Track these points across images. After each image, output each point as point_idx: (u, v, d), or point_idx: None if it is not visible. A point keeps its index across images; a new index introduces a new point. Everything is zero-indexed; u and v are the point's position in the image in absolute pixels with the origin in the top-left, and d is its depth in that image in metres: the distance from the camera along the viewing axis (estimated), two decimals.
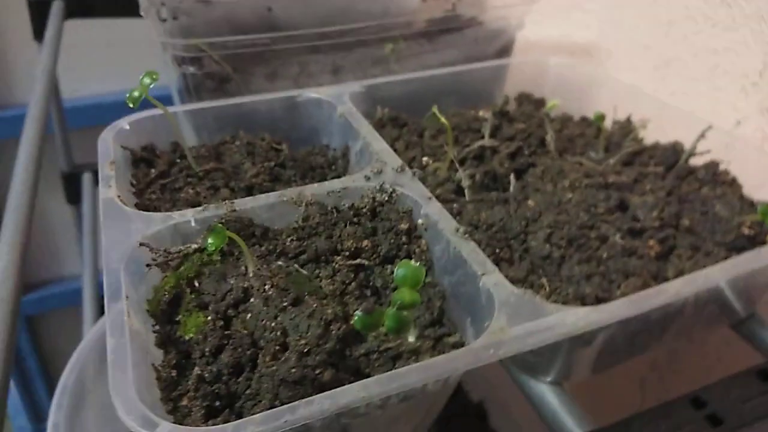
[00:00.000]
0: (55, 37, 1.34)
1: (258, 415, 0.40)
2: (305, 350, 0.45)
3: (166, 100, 0.75)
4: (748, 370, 0.62)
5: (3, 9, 1.77)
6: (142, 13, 0.86)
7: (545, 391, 0.60)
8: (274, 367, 0.45)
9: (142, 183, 0.71)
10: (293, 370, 0.44)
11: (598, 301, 0.56)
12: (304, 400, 0.41)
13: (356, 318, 0.40)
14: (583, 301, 0.55)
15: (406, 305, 0.41)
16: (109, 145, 0.71)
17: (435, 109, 0.69)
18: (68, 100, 1.68)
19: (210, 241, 0.48)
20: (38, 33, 1.47)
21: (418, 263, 0.43)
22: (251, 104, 0.83)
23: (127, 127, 0.76)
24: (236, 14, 1.02)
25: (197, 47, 0.81)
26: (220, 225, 0.49)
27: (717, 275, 0.54)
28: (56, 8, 1.47)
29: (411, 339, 0.54)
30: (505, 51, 1.02)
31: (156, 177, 0.72)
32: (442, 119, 0.68)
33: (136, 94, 0.59)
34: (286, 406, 0.41)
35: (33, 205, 0.77)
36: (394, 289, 0.43)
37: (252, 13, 1.03)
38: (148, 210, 0.64)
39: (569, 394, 0.61)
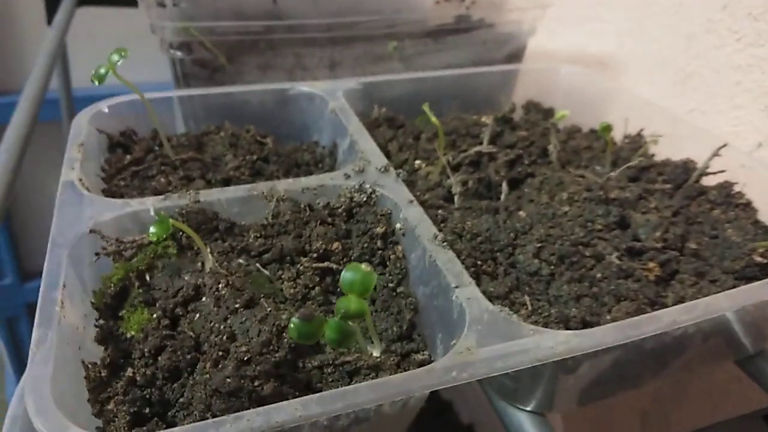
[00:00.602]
0: (64, 22, 1.32)
1: (179, 428, 0.36)
2: (245, 358, 0.41)
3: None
4: (754, 413, 0.56)
5: None
6: None
7: (524, 420, 0.55)
8: (208, 375, 0.40)
9: (113, 168, 0.67)
10: (228, 380, 0.39)
11: (585, 325, 0.50)
12: (232, 415, 0.36)
13: (291, 326, 0.35)
14: (567, 324, 0.50)
15: (351, 314, 0.36)
16: (82, 127, 0.68)
17: (426, 107, 0.64)
18: (82, 90, 1.66)
19: (152, 230, 0.44)
20: (51, 19, 1.46)
21: (370, 269, 0.38)
22: (241, 94, 0.79)
23: (106, 110, 0.72)
24: (241, 4, 0.99)
25: (187, 31, 0.77)
26: (163, 213, 0.44)
27: (722, 305, 0.48)
28: None
29: (375, 353, 0.49)
30: (515, 56, 0.98)
31: (129, 163, 0.68)
32: (433, 118, 0.64)
33: (102, 71, 0.55)
34: (211, 420, 0.36)
35: (13, 184, 0.74)
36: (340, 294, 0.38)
37: (256, 5, 0.99)
38: (114, 197, 0.60)
39: (551, 425, 0.55)
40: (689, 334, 0.51)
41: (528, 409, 0.55)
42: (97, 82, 0.55)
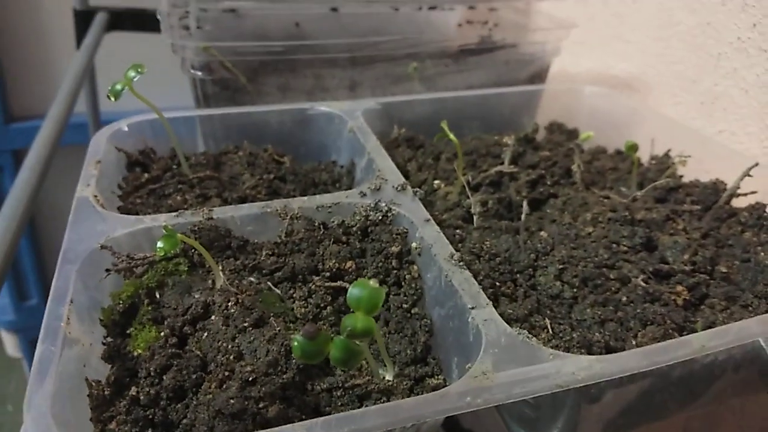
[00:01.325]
0: (92, 46, 1.35)
1: None
2: (250, 379, 0.39)
3: None
4: None
5: (49, 19, 1.80)
6: (158, 17, 0.83)
7: None
8: (211, 396, 0.39)
9: (130, 186, 0.67)
10: (232, 401, 0.38)
11: (609, 350, 0.48)
12: None
13: (295, 343, 0.33)
14: (590, 349, 0.48)
15: (357, 333, 0.35)
16: (101, 144, 0.68)
17: (444, 124, 0.63)
18: (111, 113, 1.69)
19: (160, 245, 0.43)
20: (81, 43, 1.49)
21: (378, 285, 0.36)
22: (261, 114, 0.79)
23: (126, 129, 0.73)
24: (263, 27, 0.99)
25: (208, 51, 0.78)
26: (171, 229, 0.43)
27: (754, 330, 0.46)
28: (99, 19, 1.48)
29: (388, 377, 0.47)
30: (538, 77, 0.96)
31: (146, 181, 0.68)
32: (450, 135, 0.62)
33: (118, 87, 0.55)
34: None
35: (34, 201, 0.75)
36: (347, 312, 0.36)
37: (279, 28, 1.00)
38: (129, 214, 0.60)
39: None
40: (720, 362, 0.48)
41: None
42: (113, 98, 0.55)
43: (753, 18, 0.81)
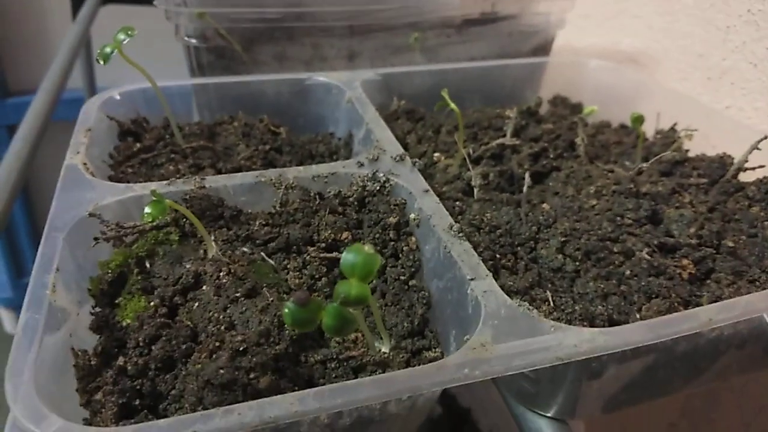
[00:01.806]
0: (88, 18, 1.32)
1: (163, 420, 0.33)
2: (240, 348, 0.38)
3: None
4: None
5: None
6: None
7: (544, 427, 0.51)
8: (199, 366, 0.37)
9: (121, 156, 0.65)
10: (221, 371, 0.36)
11: (612, 323, 0.46)
12: (222, 408, 0.33)
13: (286, 310, 0.32)
14: (592, 322, 0.46)
15: (351, 300, 0.33)
16: (92, 113, 0.66)
17: (445, 92, 0.61)
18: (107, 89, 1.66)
19: (147, 210, 0.41)
20: (77, 15, 1.47)
21: (371, 252, 0.34)
22: (257, 84, 0.77)
23: (118, 97, 0.71)
24: None
25: (203, 18, 0.75)
26: (159, 194, 0.42)
27: (761, 305, 0.44)
28: None
29: (384, 349, 0.46)
30: (542, 50, 0.94)
31: (138, 151, 0.66)
32: (452, 104, 0.60)
33: (107, 49, 0.53)
34: (200, 413, 0.33)
35: (25, 173, 0.73)
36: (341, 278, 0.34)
37: None
38: (120, 183, 0.58)
39: None
40: (725, 337, 0.47)
41: (549, 415, 0.51)
42: (102, 62, 0.53)
43: None
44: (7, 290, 1.96)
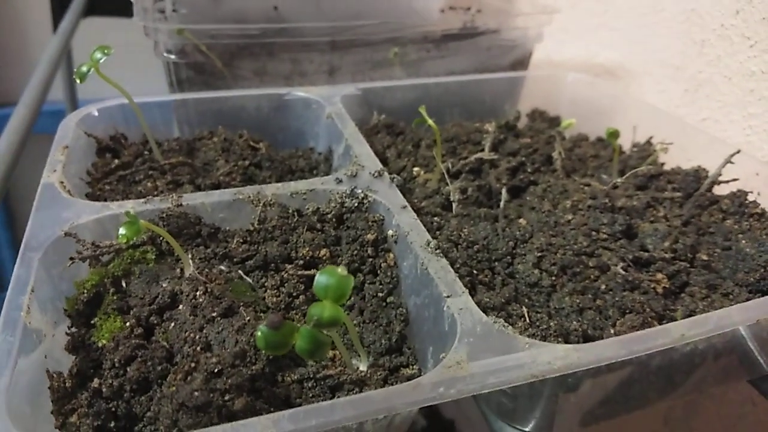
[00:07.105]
0: (69, 30, 1.32)
1: None
2: (215, 370, 0.38)
3: None
4: None
5: (26, 5, 1.76)
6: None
7: None
8: (174, 388, 0.37)
9: (99, 172, 0.65)
10: (196, 394, 0.36)
11: (586, 339, 0.47)
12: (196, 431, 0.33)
13: (259, 334, 0.32)
14: (567, 338, 0.47)
15: (324, 322, 0.33)
16: (69, 129, 0.66)
17: (423, 109, 0.61)
18: (90, 102, 1.65)
19: (122, 231, 0.41)
20: (58, 28, 1.46)
21: (345, 274, 0.34)
22: (237, 99, 0.77)
23: (96, 113, 0.70)
24: (242, 12, 0.97)
25: (182, 34, 0.75)
26: (133, 215, 0.42)
27: (735, 318, 0.45)
28: (76, 3, 1.45)
29: (362, 367, 0.46)
30: (520, 64, 0.95)
31: (116, 167, 0.66)
32: (429, 120, 0.61)
33: (84, 68, 0.53)
34: None
35: (5, 186, 0.72)
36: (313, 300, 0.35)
37: (258, 12, 0.97)
38: (98, 201, 0.58)
39: None
40: (700, 351, 0.47)
41: (527, 429, 0.51)
42: (79, 81, 0.53)
43: (736, 4, 0.80)
44: None
